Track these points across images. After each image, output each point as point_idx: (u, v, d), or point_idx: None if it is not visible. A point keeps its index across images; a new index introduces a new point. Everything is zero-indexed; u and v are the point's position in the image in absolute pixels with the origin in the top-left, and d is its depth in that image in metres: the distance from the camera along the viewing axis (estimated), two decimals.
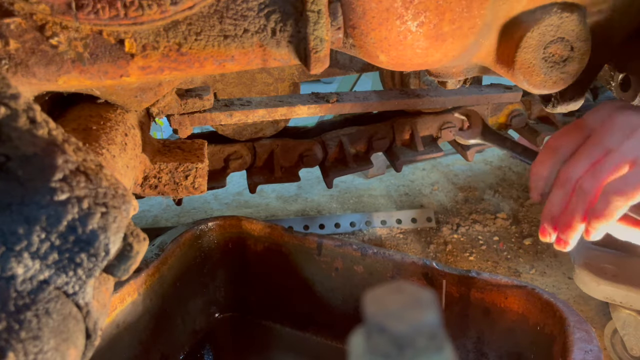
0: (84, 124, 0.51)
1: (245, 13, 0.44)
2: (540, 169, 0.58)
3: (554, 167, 0.57)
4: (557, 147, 0.57)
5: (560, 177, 0.55)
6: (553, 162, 0.57)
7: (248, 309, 0.99)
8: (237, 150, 1.02)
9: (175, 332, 0.88)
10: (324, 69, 0.46)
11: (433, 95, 1.00)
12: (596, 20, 0.55)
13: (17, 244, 0.27)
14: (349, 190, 1.59)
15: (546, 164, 0.58)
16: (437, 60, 0.52)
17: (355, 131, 1.10)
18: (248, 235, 0.94)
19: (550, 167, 0.57)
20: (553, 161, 0.57)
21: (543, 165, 0.58)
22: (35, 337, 0.27)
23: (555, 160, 0.57)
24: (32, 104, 0.29)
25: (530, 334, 0.76)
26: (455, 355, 0.20)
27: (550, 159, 0.57)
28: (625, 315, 0.91)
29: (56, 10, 0.39)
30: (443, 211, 1.46)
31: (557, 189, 0.56)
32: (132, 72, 0.43)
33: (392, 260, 0.84)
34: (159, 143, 0.65)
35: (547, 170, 0.57)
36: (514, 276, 1.22)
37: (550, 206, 0.56)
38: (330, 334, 0.93)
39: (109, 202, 0.30)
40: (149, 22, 0.42)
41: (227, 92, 0.98)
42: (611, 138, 0.52)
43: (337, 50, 0.55)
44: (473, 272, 0.79)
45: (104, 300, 0.33)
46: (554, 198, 0.56)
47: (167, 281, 0.84)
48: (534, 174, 0.59)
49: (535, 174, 0.59)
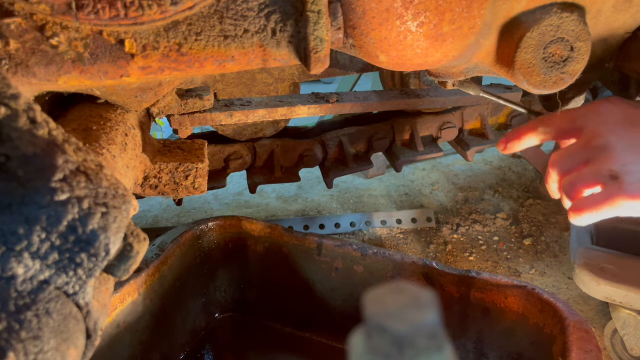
0: (84, 124, 0.51)
1: (245, 13, 0.44)
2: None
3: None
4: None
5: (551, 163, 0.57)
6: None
7: (248, 309, 0.99)
8: (237, 150, 1.02)
9: (175, 332, 0.88)
10: (324, 69, 0.46)
11: (433, 95, 1.00)
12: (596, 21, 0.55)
13: (18, 244, 0.27)
14: (349, 190, 1.59)
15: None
16: (437, 60, 0.52)
17: (355, 131, 1.10)
18: (248, 235, 0.94)
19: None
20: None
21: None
22: (36, 337, 0.27)
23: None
24: (33, 104, 0.29)
25: (530, 334, 0.76)
26: (455, 355, 0.20)
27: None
28: (625, 315, 0.91)
29: (56, 10, 0.39)
30: (443, 211, 1.46)
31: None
32: (132, 72, 0.43)
33: (392, 260, 0.84)
34: (159, 143, 0.65)
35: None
36: (514, 276, 1.22)
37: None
38: (330, 334, 0.93)
39: (109, 202, 0.30)
40: (149, 22, 0.42)
41: (227, 92, 0.98)
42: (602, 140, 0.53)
43: (337, 50, 0.55)
44: (473, 272, 0.79)
45: (104, 300, 0.33)
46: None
47: (167, 281, 0.84)
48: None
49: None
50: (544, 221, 1.41)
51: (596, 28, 0.56)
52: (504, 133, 1.20)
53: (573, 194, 0.54)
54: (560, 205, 1.52)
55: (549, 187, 0.59)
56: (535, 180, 1.59)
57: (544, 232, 1.37)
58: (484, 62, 0.57)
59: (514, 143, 0.61)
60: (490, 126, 1.17)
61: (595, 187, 0.52)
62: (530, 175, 1.63)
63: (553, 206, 1.46)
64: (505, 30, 0.53)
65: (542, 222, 1.41)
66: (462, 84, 0.69)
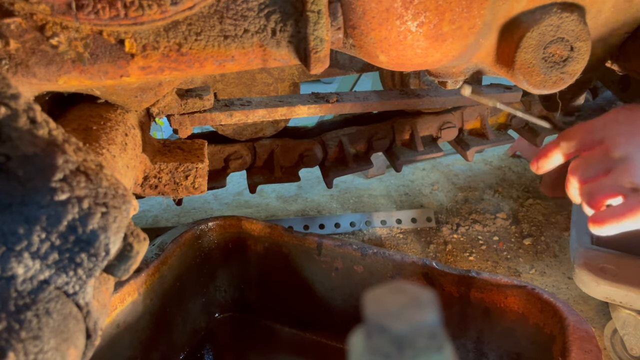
0: (84, 124, 0.51)
1: (245, 13, 0.44)
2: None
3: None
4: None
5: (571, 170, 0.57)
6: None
7: (248, 309, 0.99)
8: (237, 150, 1.02)
9: (175, 332, 0.88)
10: (324, 69, 0.46)
11: (433, 95, 1.00)
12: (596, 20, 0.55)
13: (18, 244, 0.27)
14: (349, 190, 1.59)
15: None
16: (437, 60, 0.52)
17: (355, 131, 1.10)
18: (248, 235, 0.94)
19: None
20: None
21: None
22: (36, 337, 0.27)
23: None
24: (33, 104, 0.29)
25: (530, 334, 0.76)
26: (455, 355, 0.20)
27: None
28: (625, 315, 0.91)
29: (56, 10, 0.39)
30: (443, 211, 1.46)
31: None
32: (132, 72, 0.43)
33: (392, 260, 0.84)
34: (159, 143, 0.65)
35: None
36: (514, 276, 1.22)
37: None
38: (330, 334, 0.93)
39: (109, 202, 0.30)
40: (149, 22, 0.42)
41: (227, 92, 0.98)
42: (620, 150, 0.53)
43: (337, 50, 0.55)
44: (473, 272, 0.79)
45: (104, 300, 0.33)
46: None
47: (167, 281, 0.84)
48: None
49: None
50: (544, 221, 1.41)
51: (596, 28, 0.56)
52: (504, 133, 1.20)
53: (594, 204, 0.54)
54: (560, 205, 1.52)
55: (569, 192, 0.59)
56: (535, 180, 1.59)
57: (544, 232, 1.37)
58: (484, 62, 0.57)
59: (543, 161, 0.61)
60: (490, 126, 1.17)
61: (616, 198, 0.52)
62: (530, 175, 1.63)
63: (553, 206, 1.47)
64: (505, 31, 0.53)
65: (542, 222, 1.41)
66: (479, 94, 0.68)
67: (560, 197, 1.44)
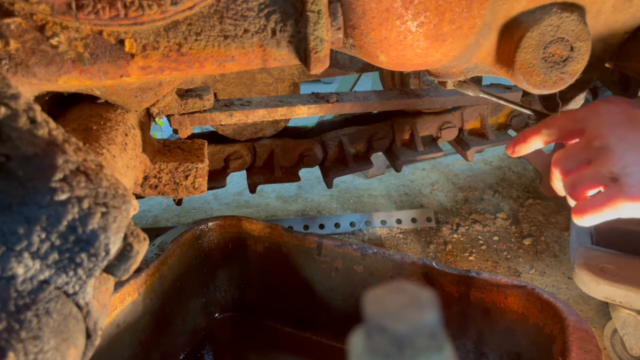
0: (84, 124, 0.51)
1: (245, 13, 0.44)
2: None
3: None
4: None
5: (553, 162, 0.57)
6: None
7: (248, 309, 0.99)
8: (237, 150, 1.02)
9: (175, 332, 0.88)
10: (324, 69, 0.46)
11: (433, 95, 1.00)
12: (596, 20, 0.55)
13: (18, 244, 0.27)
14: (349, 190, 1.59)
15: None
16: (437, 60, 0.52)
17: (355, 131, 1.10)
18: (248, 235, 0.94)
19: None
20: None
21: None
22: (36, 337, 0.27)
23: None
24: (33, 104, 0.29)
25: (530, 334, 0.76)
26: (455, 355, 0.20)
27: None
28: (625, 315, 0.91)
29: (56, 10, 0.39)
30: (443, 211, 1.46)
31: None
32: (132, 72, 0.43)
33: (392, 260, 0.84)
34: (159, 143, 0.65)
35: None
36: (514, 276, 1.22)
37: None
38: (330, 334, 0.93)
39: (109, 202, 0.30)
40: (149, 22, 0.42)
41: (227, 92, 0.99)
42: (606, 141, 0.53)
43: (337, 50, 0.55)
44: (473, 272, 0.79)
45: (104, 300, 0.33)
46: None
47: (167, 281, 0.84)
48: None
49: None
50: (544, 221, 1.41)
51: (596, 28, 0.56)
52: (504, 133, 1.20)
53: (575, 195, 0.54)
54: (560, 205, 1.52)
55: (554, 185, 0.59)
56: (535, 180, 1.59)
57: (544, 232, 1.37)
58: (484, 62, 0.57)
59: (521, 146, 0.62)
60: (490, 126, 1.17)
61: (597, 189, 0.52)
62: (530, 175, 1.63)
63: (553, 206, 1.47)
64: (505, 31, 0.53)
65: (542, 222, 1.41)
66: (461, 84, 0.69)
67: (560, 197, 1.44)
